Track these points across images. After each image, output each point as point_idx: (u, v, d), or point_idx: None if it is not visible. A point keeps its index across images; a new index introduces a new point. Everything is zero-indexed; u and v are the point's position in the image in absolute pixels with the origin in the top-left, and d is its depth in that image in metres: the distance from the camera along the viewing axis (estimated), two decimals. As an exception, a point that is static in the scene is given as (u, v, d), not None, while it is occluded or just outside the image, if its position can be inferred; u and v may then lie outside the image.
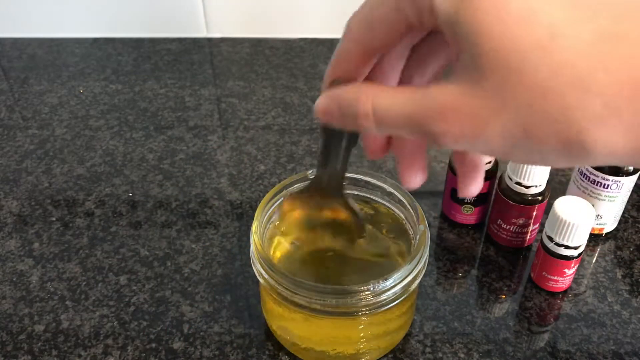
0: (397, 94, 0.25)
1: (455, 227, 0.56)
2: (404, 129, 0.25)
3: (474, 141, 0.23)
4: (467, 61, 0.22)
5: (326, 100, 0.28)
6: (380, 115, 0.25)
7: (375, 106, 0.25)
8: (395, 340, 0.46)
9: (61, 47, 0.83)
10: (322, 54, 0.81)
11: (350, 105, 0.26)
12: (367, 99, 0.25)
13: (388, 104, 0.25)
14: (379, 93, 0.25)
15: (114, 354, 0.46)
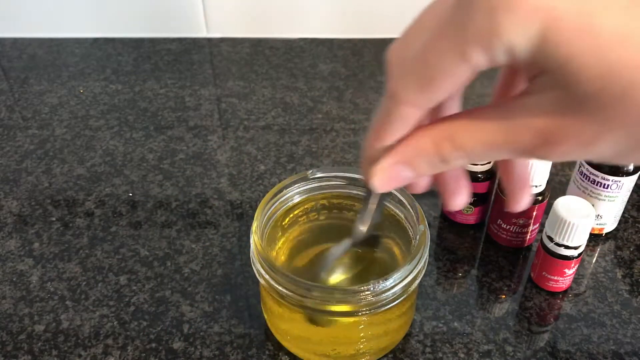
0: (479, 126, 0.24)
1: (455, 227, 0.56)
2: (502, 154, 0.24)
3: (585, 155, 0.22)
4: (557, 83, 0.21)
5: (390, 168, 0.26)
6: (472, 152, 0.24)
7: (461, 146, 0.24)
8: (395, 340, 0.46)
9: (61, 47, 0.83)
10: (322, 54, 0.81)
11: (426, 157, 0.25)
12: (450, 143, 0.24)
13: (475, 141, 0.24)
14: (457, 131, 0.24)
15: (114, 354, 0.46)
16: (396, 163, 0.26)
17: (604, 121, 0.21)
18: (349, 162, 0.63)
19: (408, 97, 0.24)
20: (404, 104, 0.24)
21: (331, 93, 0.74)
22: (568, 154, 0.22)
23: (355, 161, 0.64)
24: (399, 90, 0.24)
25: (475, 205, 0.54)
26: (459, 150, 0.24)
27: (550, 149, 0.22)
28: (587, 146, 0.22)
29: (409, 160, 0.25)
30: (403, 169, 0.26)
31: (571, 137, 0.22)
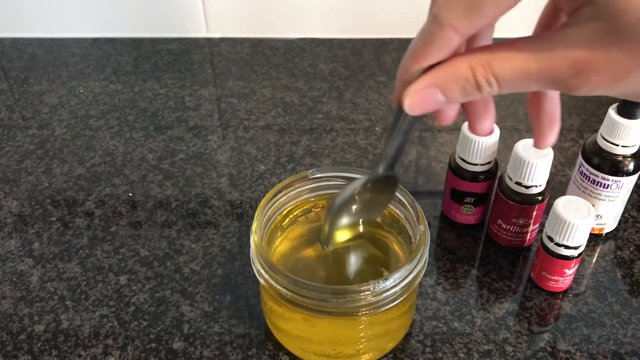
0: (514, 54, 0.24)
1: (455, 227, 0.56)
2: (532, 85, 0.24)
3: (613, 89, 0.23)
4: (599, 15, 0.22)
5: (424, 89, 0.26)
6: (505, 80, 0.24)
7: (496, 73, 0.24)
8: (395, 340, 0.46)
9: (61, 47, 0.83)
10: (322, 54, 0.81)
11: (464, 82, 0.25)
12: (484, 67, 0.24)
13: (510, 68, 0.24)
14: (494, 57, 0.25)
15: (114, 354, 0.46)
16: (430, 85, 0.26)
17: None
18: (349, 162, 0.63)
19: (453, 20, 0.24)
20: (447, 27, 0.24)
21: (331, 93, 0.74)
22: (599, 86, 0.23)
23: (356, 161, 0.64)
24: (444, 13, 0.24)
25: (475, 205, 0.54)
26: (494, 77, 0.24)
27: (583, 80, 0.23)
28: (618, 80, 0.23)
29: (443, 83, 0.25)
30: (436, 92, 0.26)
31: (606, 69, 0.22)
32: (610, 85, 0.23)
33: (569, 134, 0.67)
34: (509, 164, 0.50)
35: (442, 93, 0.26)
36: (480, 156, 0.51)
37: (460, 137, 0.51)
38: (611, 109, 0.48)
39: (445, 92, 0.26)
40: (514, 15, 0.24)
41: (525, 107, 0.31)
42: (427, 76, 0.26)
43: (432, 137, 0.67)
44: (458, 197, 0.54)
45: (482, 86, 0.25)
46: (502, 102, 0.72)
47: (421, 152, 0.65)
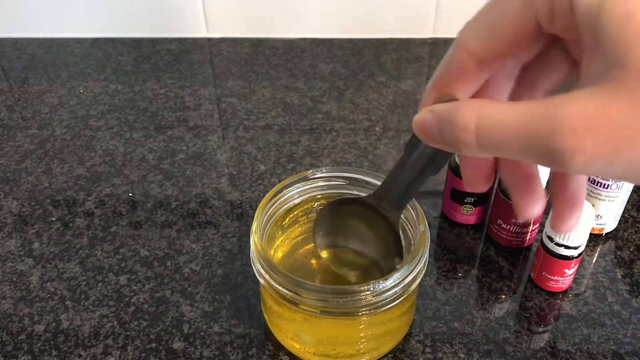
0: (508, 107, 0.21)
1: (455, 227, 0.56)
2: (515, 147, 0.21)
3: (612, 161, 0.19)
4: (606, 67, 0.19)
5: (425, 113, 0.25)
6: (485, 129, 0.21)
7: (479, 119, 0.22)
8: (395, 340, 0.46)
9: (61, 47, 0.83)
10: (322, 54, 0.81)
11: (449, 116, 0.23)
12: (471, 111, 0.22)
13: (496, 118, 0.21)
14: (486, 105, 0.22)
15: (114, 354, 0.46)
16: (430, 111, 0.25)
17: None
18: (349, 162, 0.63)
19: (468, 41, 0.24)
20: (463, 48, 0.24)
21: (331, 93, 0.74)
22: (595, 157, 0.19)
23: (356, 161, 0.64)
24: (462, 34, 0.24)
25: (475, 205, 0.54)
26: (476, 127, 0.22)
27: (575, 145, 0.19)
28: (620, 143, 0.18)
29: (436, 112, 0.24)
30: (432, 123, 0.24)
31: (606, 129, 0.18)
32: (609, 155, 0.19)
33: (569, 134, 0.67)
34: (509, 164, 0.50)
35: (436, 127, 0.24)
36: (480, 156, 0.50)
37: (460, 137, 0.51)
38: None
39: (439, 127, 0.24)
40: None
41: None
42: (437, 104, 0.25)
43: (432, 137, 0.67)
44: (458, 197, 0.54)
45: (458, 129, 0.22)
46: (502, 102, 0.72)
47: (421, 152, 0.65)
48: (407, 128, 0.68)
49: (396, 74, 0.77)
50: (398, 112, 0.70)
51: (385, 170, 0.62)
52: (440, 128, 0.24)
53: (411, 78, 0.76)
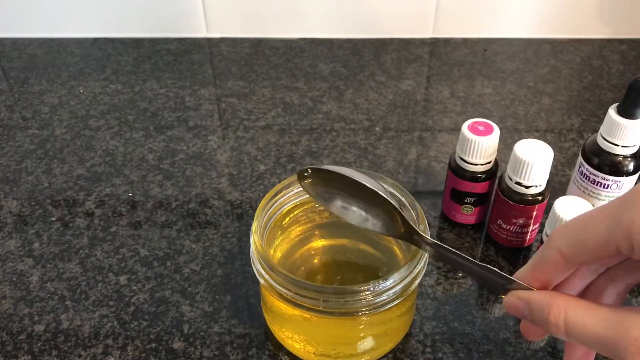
0: (591, 312, 0.27)
1: (455, 227, 0.56)
2: (593, 347, 0.27)
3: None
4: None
5: (517, 300, 0.31)
6: (571, 329, 0.27)
7: (566, 319, 0.28)
8: (396, 340, 0.46)
9: (61, 47, 0.83)
10: (322, 54, 0.81)
11: (541, 313, 0.29)
12: (559, 311, 0.28)
13: (580, 321, 0.27)
14: (572, 306, 0.28)
15: (114, 354, 0.46)
16: (522, 300, 0.31)
17: None
18: (349, 162, 0.63)
19: (560, 245, 0.29)
20: (555, 250, 0.29)
21: (331, 93, 0.74)
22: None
23: (356, 161, 0.64)
24: (555, 238, 0.29)
25: (475, 205, 0.54)
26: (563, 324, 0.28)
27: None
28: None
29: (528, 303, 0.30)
30: (524, 310, 0.31)
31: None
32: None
33: (569, 134, 0.67)
34: (509, 164, 0.50)
35: (528, 312, 0.30)
36: (480, 156, 0.51)
37: (460, 137, 0.51)
38: (611, 109, 0.48)
39: (530, 313, 0.30)
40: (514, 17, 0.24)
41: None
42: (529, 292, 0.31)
43: (432, 137, 0.67)
44: (458, 197, 0.54)
45: (550, 325, 0.28)
46: (502, 102, 0.72)
47: (421, 152, 0.65)
48: (406, 128, 0.68)
49: (396, 74, 0.77)
50: (398, 112, 0.70)
51: (385, 170, 0.62)
52: (532, 316, 0.30)
53: (411, 78, 0.76)
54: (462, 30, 0.83)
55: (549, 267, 0.30)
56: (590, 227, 0.28)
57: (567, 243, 0.29)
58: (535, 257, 0.31)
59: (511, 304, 0.31)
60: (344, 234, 0.49)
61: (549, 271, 0.30)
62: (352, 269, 0.48)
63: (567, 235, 0.29)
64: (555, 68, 0.78)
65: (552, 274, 0.30)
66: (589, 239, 0.27)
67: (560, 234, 0.29)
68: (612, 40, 0.83)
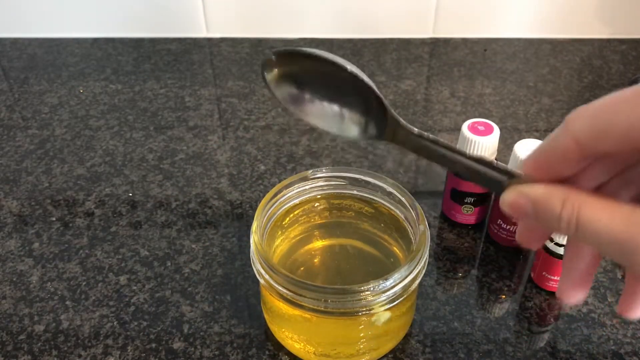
0: (608, 210, 0.24)
1: (455, 227, 0.56)
2: (606, 248, 0.24)
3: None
4: None
5: (519, 196, 0.26)
6: (584, 227, 0.24)
7: (580, 216, 0.24)
8: (396, 340, 0.46)
9: (61, 47, 0.83)
10: (322, 54, 0.81)
11: (551, 209, 0.25)
12: (574, 207, 0.24)
13: (596, 218, 0.24)
14: (588, 202, 0.24)
15: (114, 354, 0.46)
16: (525, 195, 0.26)
17: None
18: (349, 162, 0.63)
19: (577, 128, 0.24)
20: (570, 134, 0.25)
21: (331, 93, 0.74)
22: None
23: (356, 161, 0.64)
24: (571, 120, 0.25)
25: (475, 205, 0.54)
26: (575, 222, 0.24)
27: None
28: None
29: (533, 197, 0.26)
30: (528, 207, 0.26)
31: None
32: None
33: (569, 134, 0.67)
34: (509, 164, 0.50)
35: (532, 210, 0.26)
36: (480, 156, 0.50)
37: (460, 137, 0.51)
38: (611, 109, 0.48)
39: (534, 211, 0.26)
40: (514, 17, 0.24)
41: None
42: (535, 188, 0.26)
43: (432, 137, 0.67)
44: (458, 197, 0.54)
45: (561, 222, 0.25)
46: (502, 102, 0.72)
47: (421, 152, 0.65)
48: (407, 128, 0.68)
49: (396, 73, 0.77)
50: (398, 112, 0.70)
51: (385, 170, 0.62)
52: (537, 213, 0.26)
53: (411, 78, 0.76)
54: (462, 30, 0.83)
55: (560, 158, 0.25)
56: (618, 111, 0.23)
57: (588, 127, 0.24)
58: (544, 144, 0.26)
59: (512, 202, 0.27)
60: (344, 234, 0.49)
61: (558, 162, 0.26)
62: (352, 269, 0.48)
63: (589, 118, 0.24)
64: (555, 68, 0.78)
65: (562, 166, 0.26)
66: (614, 125, 0.23)
67: (580, 116, 0.24)
68: (612, 40, 0.83)
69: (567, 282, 0.28)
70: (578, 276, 0.28)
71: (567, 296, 0.28)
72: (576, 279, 0.28)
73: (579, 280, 0.28)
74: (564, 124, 0.25)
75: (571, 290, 0.28)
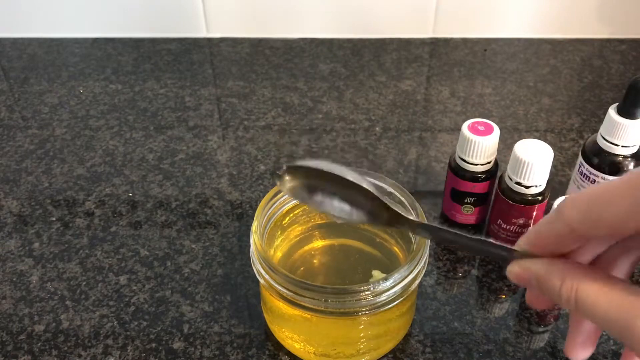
0: (605, 290, 0.25)
1: (455, 227, 0.56)
2: (603, 327, 0.25)
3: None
4: None
5: (522, 271, 0.28)
6: (582, 306, 0.25)
7: (579, 295, 0.25)
8: (396, 340, 0.46)
9: (61, 47, 0.83)
10: (322, 54, 0.81)
11: (552, 286, 0.26)
12: (572, 286, 0.26)
13: (593, 299, 0.25)
14: (586, 282, 0.25)
15: (114, 354, 0.46)
16: (528, 271, 0.28)
17: None
18: (349, 162, 0.63)
19: (572, 219, 0.26)
20: (565, 223, 0.26)
21: (331, 93, 0.74)
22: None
23: (355, 161, 0.64)
24: (567, 209, 0.26)
25: (475, 205, 0.54)
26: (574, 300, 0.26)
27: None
28: None
29: (535, 274, 0.28)
30: (531, 280, 0.28)
31: None
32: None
33: (569, 134, 0.67)
34: (509, 164, 0.50)
35: (535, 283, 0.28)
36: (480, 156, 0.51)
37: (460, 137, 0.51)
38: (611, 109, 0.48)
39: (537, 285, 0.28)
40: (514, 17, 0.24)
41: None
42: (536, 264, 0.28)
43: (432, 137, 0.67)
44: (458, 197, 0.54)
45: (561, 299, 0.26)
46: (502, 102, 0.72)
47: (421, 152, 0.65)
48: (406, 128, 0.68)
49: (396, 74, 0.77)
50: (398, 112, 0.70)
51: (385, 170, 0.62)
52: (540, 287, 0.27)
53: (411, 78, 0.76)
54: (462, 30, 0.83)
55: (556, 240, 0.27)
56: (609, 202, 0.24)
57: (580, 217, 0.25)
58: (540, 226, 0.28)
59: (516, 275, 0.28)
60: (344, 234, 0.49)
61: (555, 244, 0.27)
62: (352, 269, 0.48)
63: (581, 208, 0.25)
64: (555, 68, 0.78)
65: (558, 247, 0.27)
66: (606, 216, 0.24)
67: (572, 206, 0.26)
68: (612, 40, 0.83)
69: (572, 342, 0.30)
70: (582, 337, 0.30)
71: (574, 355, 0.30)
72: (581, 340, 0.30)
73: (584, 341, 0.30)
74: (558, 212, 0.26)
75: (577, 350, 0.30)
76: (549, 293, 0.27)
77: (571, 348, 0.30)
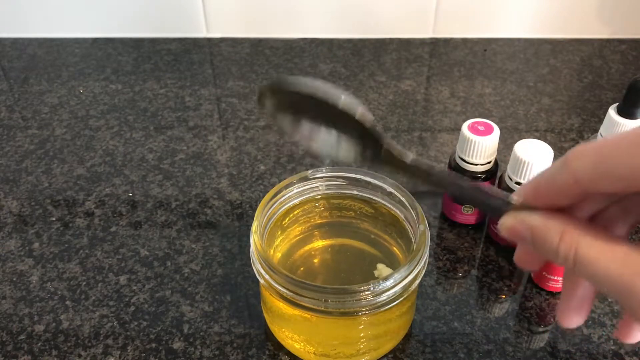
0: (607, 248, 0.24)
1: (455, 227, 0.56)
2: (603, 288, 0.24)
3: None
4: None
5: (517, 223, 0.27)
6: (581, 264, 0.24)
7: (578, 254, 0.24)
8: (395, 340, 0.46)
9: (61, 47, 0.83)
10: (322, 54, 0.81)
11: (549, 242, 0.25)
12: (572, 243, 0.24)
13: (593, 257, 0.24)
14: (586, 240, 0.24)
15: (114, 354, 0.46)
16: (524, 223, 0.26)
17: None
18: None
19: (578, 170, 0.24)
20: (571, 174, 0.24)
21: (331, 93, 0.74)
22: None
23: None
24: (573, 160, 0.24)
25: (475, 205, 0.54)
26: (573, 258, 0.24)
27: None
28: None
29: (531, 228, 0.26)
30: (525, 234, 0.26)
31: None
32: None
33: (569, 134, 0.67)
34: (509, 164, 0.50)
35: (530, 238, 0.26)
36: (480, 156, 0.51)
37: (460, 137, 0.51)
38: (611, 109, 0.48)
39: (532, 239, 0.26)
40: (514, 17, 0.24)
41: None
42: (533, 217, 0.26)
43: (432, 137, 0.67)
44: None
45: (558, 256, 0.25)
46: (502, 102, 0.72)
47: (421, 152, 0.65)
48: (406, 128, 0.68)
49: (396, 74, 0.77)
50: (398, 112, 0.70)
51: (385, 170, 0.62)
52: (536, 244, 0.26)
53: (411, 78, 0.76)
54: (462, 30, 0.83)
55: (558, 192, 0.25)
56: (622, 152, 0.23)
57: (589, 169, 0.24)
58: (543, 177, 0.26)
59: (511, 227, 0.27)
60: (344, 233, 0.49)
61: (556, 196, 0.26)
62: (352, 269, 0.48)
63: (590, 159, 0.24)
64: (555, 68, 0.78)
65: (560, 199, 0.26)
66: (618, 167, 0.23)
67: (581, 155, 0.24)
68: (612, 40, 0.83)
69: (566, 307, 0.29)
70: (577, 302, 0.28)
71: (567, 320, 0.29)
72: (575, 304, 0.28)
73: (578, 306, 0.28)
74: (565, 161, 0.25)
75: (570, 315, 0.28)
76: (544, 249, 0.26)
77: (564, 313, 0.28)
